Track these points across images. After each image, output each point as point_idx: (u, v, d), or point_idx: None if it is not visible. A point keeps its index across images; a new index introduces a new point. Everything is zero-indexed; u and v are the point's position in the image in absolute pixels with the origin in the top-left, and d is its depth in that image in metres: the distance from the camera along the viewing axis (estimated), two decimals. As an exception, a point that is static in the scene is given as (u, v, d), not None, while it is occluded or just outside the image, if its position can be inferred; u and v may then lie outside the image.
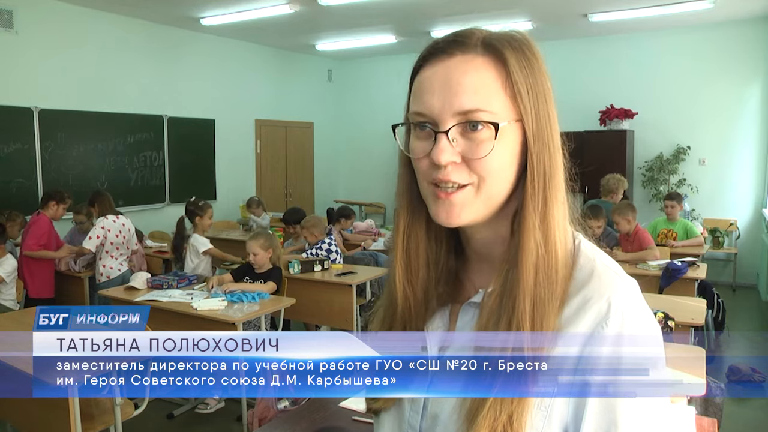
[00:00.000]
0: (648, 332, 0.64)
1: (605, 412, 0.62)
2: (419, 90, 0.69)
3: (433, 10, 6.34)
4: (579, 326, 0.63)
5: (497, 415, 0.62)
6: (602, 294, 0.64)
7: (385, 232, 6.26)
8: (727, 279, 7.13)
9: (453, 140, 0.65)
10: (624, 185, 5.28)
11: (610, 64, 7.57)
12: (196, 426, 3.72)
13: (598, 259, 0.69)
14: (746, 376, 4.23)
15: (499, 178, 0.66)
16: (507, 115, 0.65)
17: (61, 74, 5.94)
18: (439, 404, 0.70)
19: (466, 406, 0.65)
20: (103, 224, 4.55)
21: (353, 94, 9.71)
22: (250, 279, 4.02)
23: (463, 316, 0.73)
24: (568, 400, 0.63)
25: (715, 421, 2.08)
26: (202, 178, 7.55)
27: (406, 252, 0.75)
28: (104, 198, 4.70)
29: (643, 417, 0.62)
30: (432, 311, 0.76)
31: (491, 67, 0.66)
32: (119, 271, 4.60)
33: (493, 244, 0.72)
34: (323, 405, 2.13)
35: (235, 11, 6.31)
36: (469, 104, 0.64)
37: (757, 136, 6.94)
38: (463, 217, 0.67)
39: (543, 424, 0.64)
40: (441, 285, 0.76)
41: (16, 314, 3.71)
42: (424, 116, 0.67)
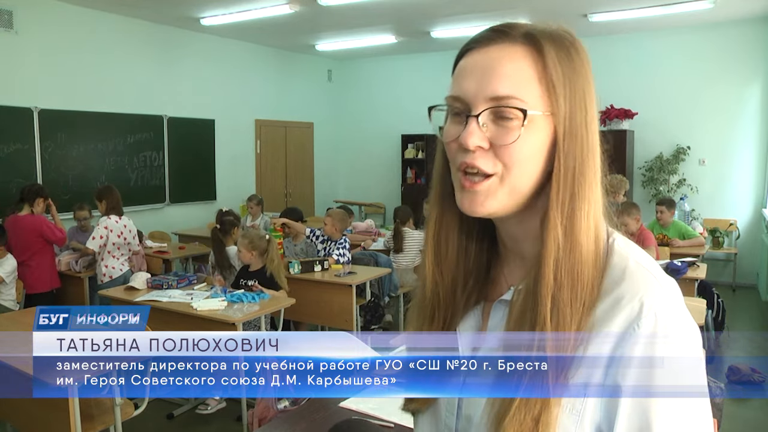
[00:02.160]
0: (684, 333, 0.62)
1: (639, 413, 0.61)
2: (458, 75, 0.70)
3: (433, 10, 6.34)
4: (611, 327, 0.62)
5: (523, 419, 0.62)
6: (635, 294, 0.63)
7: (385, 232, 6.26)
8: (727, 279, 7.13)
9: (483, 125, 0.65)
10: (625, 185, 5.28)
11: (610, 64, 7.56)
12: (196, 426, 3.72)
13: (632, 257, 0.68)
14: (746, 376, 4.23)
15: (524, 169, 0.66)
16: (539, 106, 0.65)
17: (61, 74, 5.94)
18: (472, 406, 0.70)
19: (495, 408, 0.65)
20: (106, 224, 4.55)
21: (353, 94, 9.71)
22: (243, 279, 4.04)
23: (495, 315, 0.73)
24: (600, 402, 0.62)
25: (715, 421, 2.08)
26: (202, 178, 7.55)
27: (436, 238, 0.75)
28: (113, 195, 4.64)
29: (679, 419, 0.61)
30: (465, 309, 0.76)
31: (528, 58, 0.66)
32: (121, 271, 4.60)
33: (524, 240, 0.72)
34: (323, 405, 2.13)
35: (235, 11, 6.31)
36: (502, 90, 0.65)
37: (757, 136, 6.94)
38: (487, 206, 0.67)
39: (575, 427, 0.63)
40: (472, 280, 0.76)
41: (16, 314, 3.72)
42: (459, 100, 0.67)
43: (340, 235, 4.88)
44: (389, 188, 9.20)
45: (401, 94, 8.94)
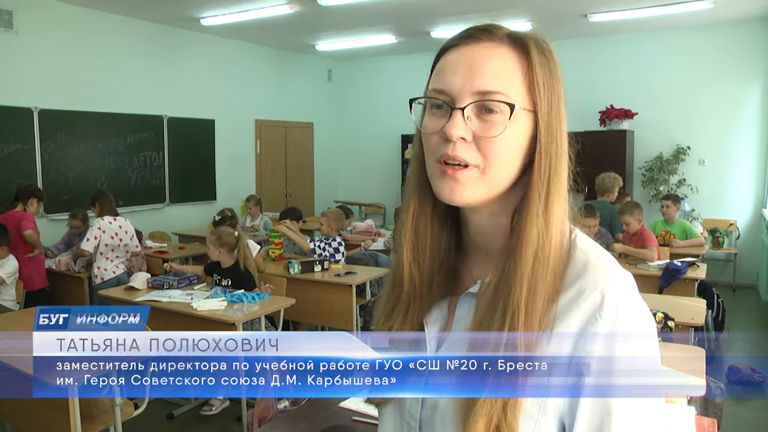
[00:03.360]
0: (641, 326, 0.65)
1: (599, 404, 0.63)
2: (442, 70, 0.72)
3: (433, 10, 6.34)
4: (573, 318, 0.65)
5: (493, 403, 0.64)
6: (596, 286, 0.66)
7: (385, 232, 6.26)
8: (727, 279, 7.13)
9: (468, 118, 0.67)
10: (619, 183, 5.29)
11: (610, 64, 7.57)
12: (196, 426, 3.72)
13: (593, 252, 0.71)
14: (746, 376, 4.23)
15: (505, 164, 0.68)
16: (523, 103, 0.68)
17: (61, 74, 5.94)
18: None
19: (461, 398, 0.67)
20: (99, 225, 4.55)
21: (353, 94, 9.71)
22: (218, 276, 4.06)
23: (461, 307, 0.75)
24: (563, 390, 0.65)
25: (715, 421, 2.08)
26: (202, 178, 7.55)
27: (415, 232, 0.77)
28: (105, 198, 4.70)
29: (637, 410, 0.64)
30: (432, 302, 0.77)
31: (514, 58, 0.69)
32: (113, 273, 4.59)
33: (494, 235, 0.74)
34: (323, 405, 2.13)
35: (235, 11, 6.31)
36: (489, 86, 0.67)
37: (757, 136, 6.94)
38: (465, 195, 0.69)
39: (538, 413, 0.65)
40: (443, 273, 0.78)
41: (16, 314, 3.71)
42: (443, 93, 0.70)
43: (336, 233, 4.90)
44: (389, 188, 9.20)
45: (401, 94, 8.88)
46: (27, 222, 4.72)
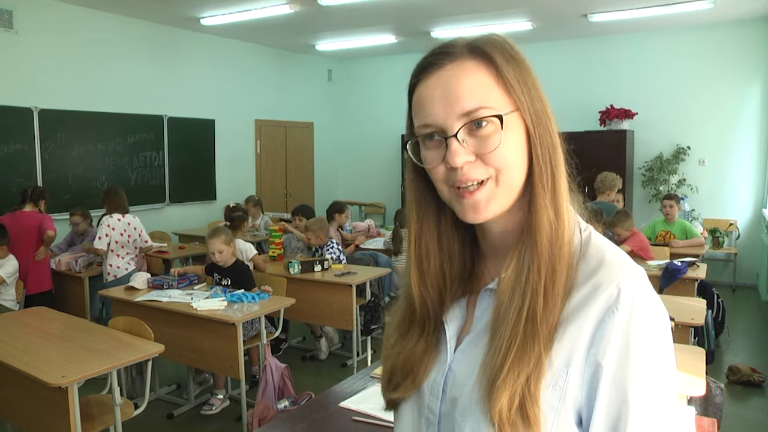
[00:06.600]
0: (657, 318, 0.67)
1: (616, 395, 0.64)
2: (420, 104, 0.73)
3: (433, 10, 6.34)
4: (590, 311, 0.66)
5: (516, 378, 0.65)
6: (612, 280, 0.67)
7: (385, 232, 6.26)
8: (727, 279, 7.13)
9: (463, 141, 0.69)
10: (618, 182, 5.30)
11: (610, 64, 7.57)
12: (196, 426, 3.72)
13: (608, 249, 0.72)
14: (746, 376, 4.24)
15: (514, 166, 0.70)
16: (505, 107, 0.69)
17: (61, 74, 5.94)
18: (458, 387, 0.73)
19: (486, 376, 0.68)
20: (109, 223, 4.57)
21: (353, 94, 9.72)
22: (219, 276, 4.04)
23: (481, 304, 0.77)
24: (581, 384, 0.66)
25: (715, 421, 2.08)
26: (202, 178, 7.56)
27: (419, 258, 0.79)
28: (115, 196, 4.68)
29: (654, 401, 0.65)
30: (451, 302, 0.79)
31: (481, 67, 0.70)
32: (126, 270, 4.61)
33: (509, 234, 0.75)
34: (323, 405, 2.13)
35: (235, 11, 6.32)
36: (470, 105, 0.68)
37: (757, 136, 6.94)
38: (490, 210, 0.71)
39: (558, 403, 0.66)
40: (456, 282, 0.80)
41: (16, 314, 3.71)
42: (431, 126, 0.71)
43: (327, 238, 4.89)
44: (389, 188, 9.20)
45: (401, 94, 8.69)
46: (50, 222, 4.82)
